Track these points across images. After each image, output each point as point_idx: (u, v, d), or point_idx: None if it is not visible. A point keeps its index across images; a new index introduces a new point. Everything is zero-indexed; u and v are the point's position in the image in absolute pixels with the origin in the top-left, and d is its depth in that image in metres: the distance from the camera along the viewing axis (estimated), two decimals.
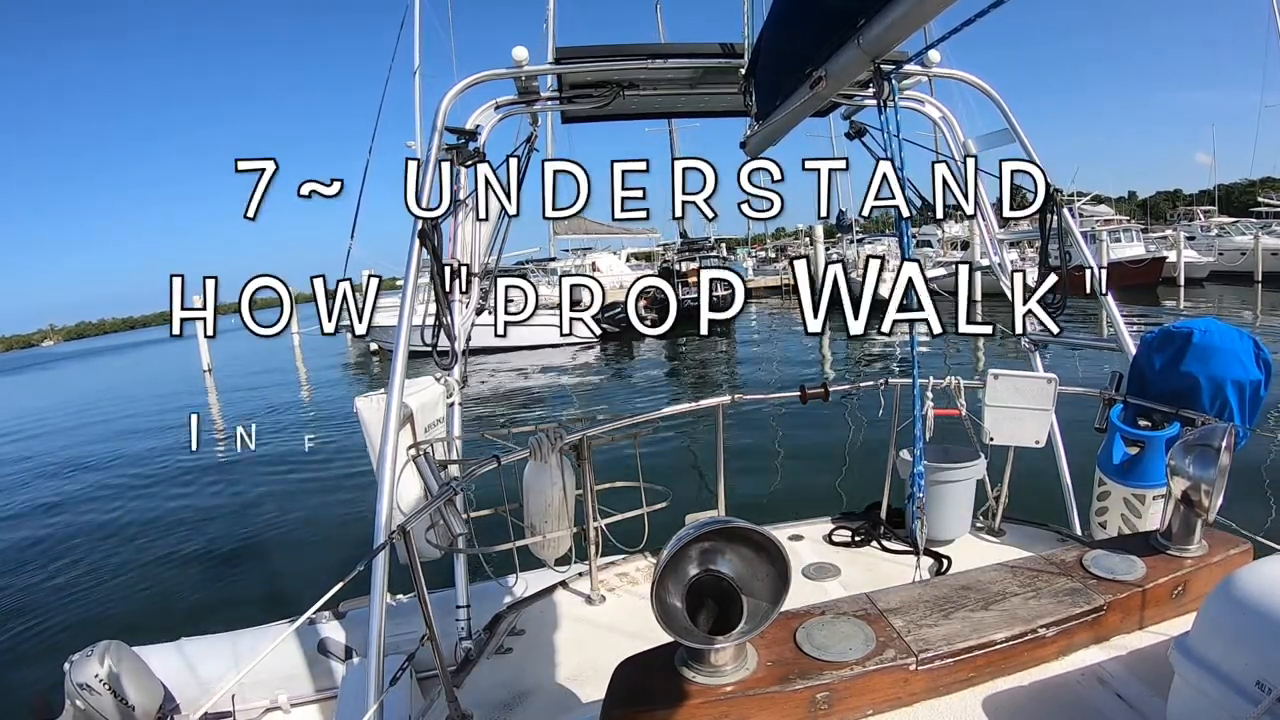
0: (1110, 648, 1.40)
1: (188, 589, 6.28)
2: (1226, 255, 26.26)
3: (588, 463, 2.72)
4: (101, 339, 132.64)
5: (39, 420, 19.35)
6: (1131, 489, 2.52)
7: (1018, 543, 2.91)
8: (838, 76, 1.90)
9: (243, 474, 9.90)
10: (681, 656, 1.23)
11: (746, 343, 20.64)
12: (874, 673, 1.24)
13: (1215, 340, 2.40)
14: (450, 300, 2.68)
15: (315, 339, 25.55)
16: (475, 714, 2.05)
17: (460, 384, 2.87)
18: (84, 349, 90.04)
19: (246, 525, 7.81)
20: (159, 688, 2.78)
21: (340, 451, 10.46)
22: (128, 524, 8.28)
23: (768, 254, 48.39)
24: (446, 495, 2.05)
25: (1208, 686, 1.03)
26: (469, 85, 2.69)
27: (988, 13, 1.44)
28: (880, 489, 3.23)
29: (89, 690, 2.48)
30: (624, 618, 2.64)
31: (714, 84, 2.96)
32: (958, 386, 3.03)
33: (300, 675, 3.13)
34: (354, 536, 6.86)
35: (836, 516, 3.24)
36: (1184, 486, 1.49)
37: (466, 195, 2.79)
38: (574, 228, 32.31)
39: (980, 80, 3.06)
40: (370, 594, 1.80)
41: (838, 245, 31.97)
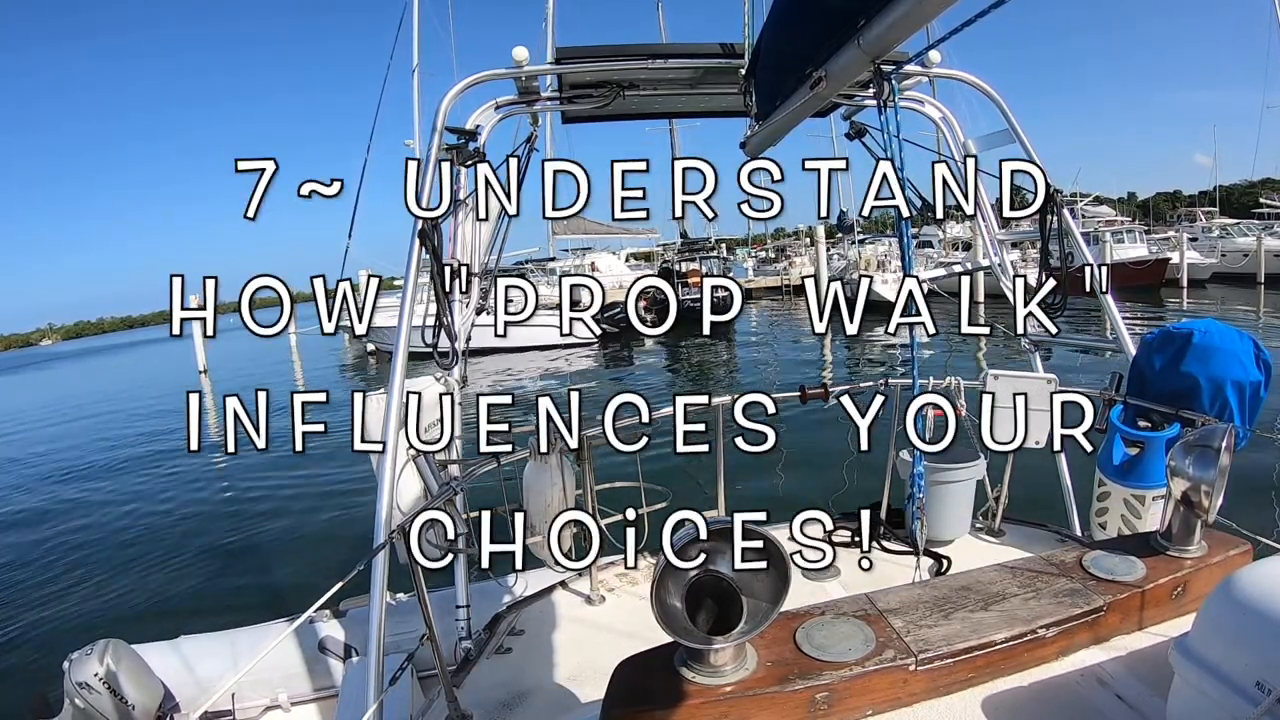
0: (1110, 648, 1.40)
1: (185, 587, 6.27)
2: (1229, 257, 26.16)
3: (588, 463, 2.72)
4: (100, 338, 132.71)
5: (16, 422, 19.34)
6: (1131, 490, 2.51)
7: (1017, 543, 2.91)
8: (838, 77, 1.89)
9: (239, 474, 9.88)
10: (681, 656, 1.23)
11: (746, 345, 20.59)
12: (873, 673, 1.24)
13: (1215, 341, 2.40)
14: (450, 300, 2.68)
15: (312, 340, 25.47)
16: (475, 714, 2.05)
17: (460, 384, 2.87)
18: (81, 348, 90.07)
19: (242, 525, 7.81)
20: (158, 686, 2.77)
21: (336, 453, 10.45)
22: (122, 527, 8.26)
23: (768, 254, 48.38)
24: (446, 495, 2.05)
25: (1207, 687, 1.03)
26: (469, 85, 2.69)
27: (988, 13, 1.44)
28: (880, 489, 3.23)
29: (88, 689, 2.48)
30: (624, 618, 2.64)
31: (714, 84, 2.96)
32: (958, 386, 3.03)
33: (300, 674, 3.13)
34: (350, 535, 6.86)
35: (836, 516, 3.24)
36: (1184, 487, 1.49)
37: (466, 195, 2.79)
38: (573, 228, 32.22)
39: (980, 80, 3.06)
40: (370, 593, 1.81)
41: (838, 246, 31.93)
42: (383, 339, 21.24)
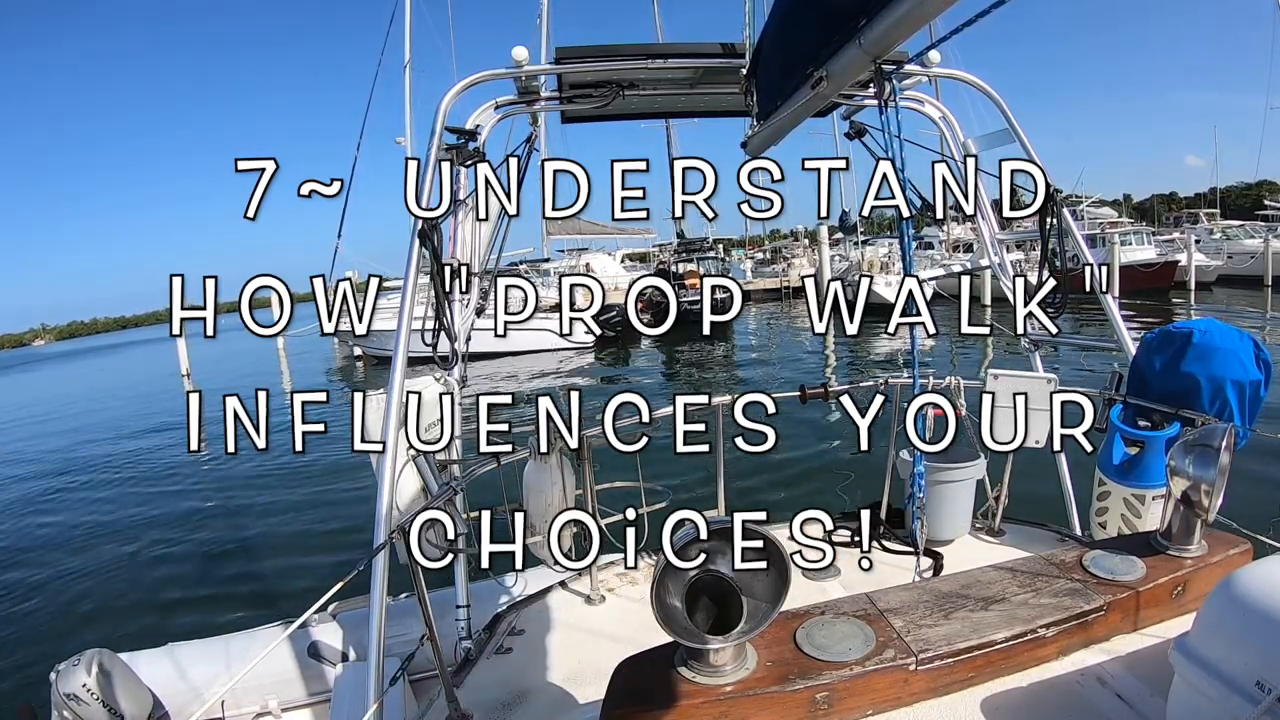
0: (1110, 648, 1.40)
1: (174, 594, 6.22)
2: (1236, 258, 25.84)
3: (588, 463, 2.72)
4: (93, 339, 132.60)
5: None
6: (1131, 489, 2.51)
7: (1017, 543, 2.91)
8: (839, 77, 1.89)
9: (221, 479, 9.84)
10: (681, 656, 1.23)
11: (745, 347, 20.53)
12: (874, 673, 1.24)
13: (1215, 340, 2.39)
14: (450, 300, 2.68)
15: (300, 343, 25.22)
16: (475, 714, 2.05)
17: (460, 384, 2.87)
18: (73, 349, 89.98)
19: (232, 530, 7.76)
20: (148, 695, 2.73)
21: (314, 461, 10.43)
22: (115, 531, 8.19)
23: (765, 255, 48.32)
24: (446, 495, 2.05)
25: (1207, 687, 1.03)
26: (469, 85, 2.69)
27: (989, 12, 1.44)
28: (880, 489, 3.23)
29: (76, 700, 2.43)
30: (623, 618, 2.64)
31: (714, 84, 2.96)
32: (958, 386, 3.04)
33: (291, 679, 3.09)
34: (342, 539, 6.83)
35: (836, 516, 3.24)
36: (1184, 487, 1.49)
37: (466, 195, 2.79)
38: (568, 228, 31.93)
39: (980, 80, 3.06)
40: (370, 594, 1.80)
41: (838, 246, 31.83)
42: (370, 343, 20.99)
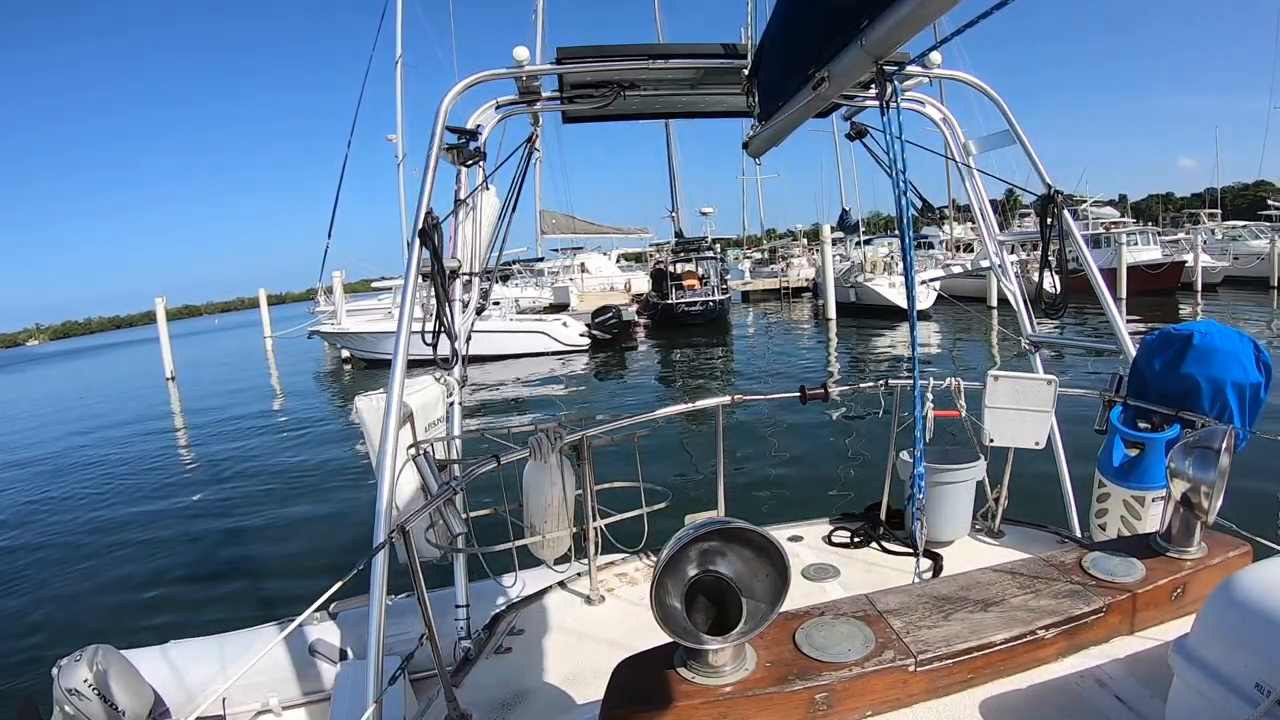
0: (1109, 650, 1.39)
1: (174, 593, 6.24)
2: (1241, 259, 25.63)
3: (588, 463, 2.72)
4: (86, 339, 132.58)
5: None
6: (1131, 491, 2.51)
7: (1017, 544, 2.91)
8: (840, 77, 1.89)
9: (223, 479, 9.85)
10: (680, 657, 1.23)
11: (744, 350, 20.47)
12: (873, 674, 1.24)
13: (1215, 342, 2.39)
14: (450, 300, 2.68)
15: (288, 344, 25.04)
16: (474, 714, 2.05)
17: (460, 384, 2.87)
18: (66, 349, 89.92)
19: (232, 529, 7.76)
20: (148, 692, 2.75)
21: (326, 454, 10.40)
22: (115, 531, 8.22)
23: (763, 255, 48.25)
24: (446, 495, 2.05)
25: (1207, 688, 1.03)
26: (469, 85, 2.69)
27: (991, 13, 1.43)
28: (880, 490, 3.23)
29: (77, 695, 2.46)
30: (623, 618, 2.64)
31: (715, 84, 2.96)
32: (958, 388, 3.03)
33: (291, 678, 3.11)
34: (340, 538, 6.85)
35: (836, 517, 3.24)
36: (1183, 488, 1.48)
37: (466, 195, 2.79)
38: (562, 227, 31.58)
39: (981, 81, 3.06)
40: (370, 593, 1.80)
41: (839, 246, 31.75)
42: (356, 345, 20.83)
